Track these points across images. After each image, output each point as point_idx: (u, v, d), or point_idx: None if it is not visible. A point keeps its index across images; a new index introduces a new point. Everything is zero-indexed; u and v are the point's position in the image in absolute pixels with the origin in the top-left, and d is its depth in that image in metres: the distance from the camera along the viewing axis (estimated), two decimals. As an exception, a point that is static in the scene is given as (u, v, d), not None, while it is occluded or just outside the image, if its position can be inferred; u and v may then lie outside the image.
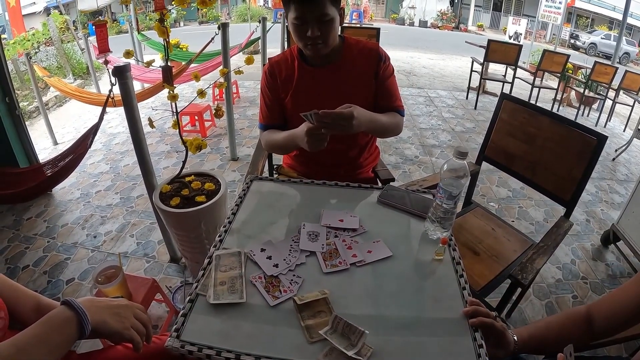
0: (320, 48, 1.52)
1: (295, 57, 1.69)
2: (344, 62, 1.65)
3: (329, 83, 1.65)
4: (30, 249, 2.71)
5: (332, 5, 1.45)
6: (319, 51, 1.54)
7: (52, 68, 7.80)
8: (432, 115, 5.74)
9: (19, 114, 3.17)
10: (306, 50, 1.57)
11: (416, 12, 22.83)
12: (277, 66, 1.71)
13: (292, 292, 1.02)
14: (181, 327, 0.93)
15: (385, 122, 1.61)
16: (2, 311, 0.99)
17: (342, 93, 1.63)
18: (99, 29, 2.48)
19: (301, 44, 1.55)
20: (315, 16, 1.44)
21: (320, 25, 1.46)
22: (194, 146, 1.90)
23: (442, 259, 1.18)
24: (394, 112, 1.70)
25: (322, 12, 1.43)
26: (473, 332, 0.95)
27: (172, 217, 1.99)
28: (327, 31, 1.48)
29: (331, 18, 1.46)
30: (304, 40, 1.50)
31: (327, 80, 1.66)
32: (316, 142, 1.38)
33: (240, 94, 6.23)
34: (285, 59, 1.71)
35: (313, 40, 1.49)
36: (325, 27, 1.47)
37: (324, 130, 1.35)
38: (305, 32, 1.47)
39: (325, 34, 1.48)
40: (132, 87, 2.00)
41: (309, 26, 1.46)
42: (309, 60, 1.67)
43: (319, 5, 1.42)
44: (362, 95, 1.67)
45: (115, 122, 5.06)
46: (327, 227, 1.28)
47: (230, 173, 3.78)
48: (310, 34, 1.46)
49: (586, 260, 2.81)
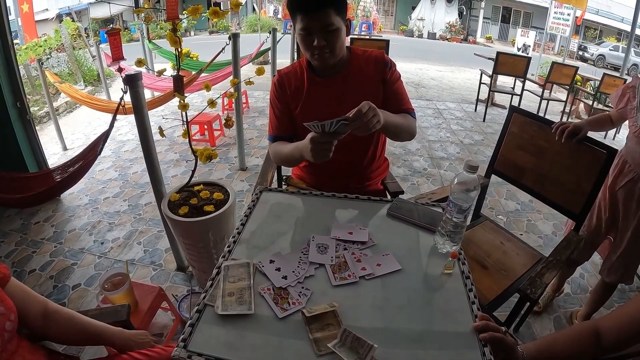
0: (327, 57, 1.54)
1: (304, 69, 1.70)
2: (351, 71, 1.66)
3: (338, 93, 1.66)
4: (37, 253, 2.72)
5: (337, 15, 1.46)
6: (326, 61, 1.55)
7: (63, 74, 7.87)
8: (440, 127, 5.72)
9: (29, 118, 3.20)
10: (313, 60, 1.58)
11: (425, 24, 22.90)
12: (287, 78, 1.72)
13: (301, 305, 1.02)
14: (188, 337, 0.93)
15: (398, 120, 1.59)
16: (13, 314, 0.99)
17: (352, 102, 1.62)
18: (112, 37, 2.50)
19: (308, 54, 1.57)
20: (320, 26, 1.46)
21: (325, 35, 1.47)
22: (205, 156, 1.91)
23: (452, 273, 1.17)
24: (404, 113, 1.69)
25: (327, 22, 1.45)
26: (482, 346, 0.94)
27: (180, 226, 2.00)
28: (333, 41, 1.50)
29: (336, 28, 1.48)
30: (311, 50, 1.52)
31: (336, 90, 1.66)
32: (321, 152, 1.35)
33: (249, 104, 6.26)
34: (294, 71, 1.72)
35: (320, 50, 1.50)
36: (330, 36, 1.48)
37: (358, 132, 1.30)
38: (311, 42, 1.49)
39: (331, 44, 1.50)
40: (143, 95, 2.02)
41: (315, 36, 1.47)
42: (318, 71, 1.68)
43: (324, 15, 1.44)
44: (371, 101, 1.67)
45: (124, 130, 5.09)
46: (336, 239, 1.27)
47: (239, 183, 3.78)
48: (316, 44, 1.48)
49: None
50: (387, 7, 25.61)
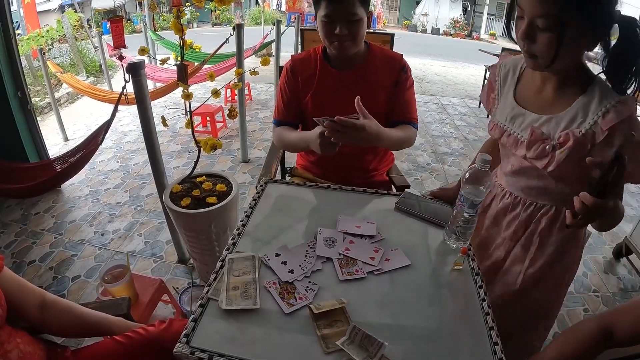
0: (347, 47, 1.52)
1: (319, 57, 1.68)
2: (366, 67, 1.65)
3: (350, 86, 1.63)
4: (37, 244, 2.70)
5: (361, 6, 1.46)
6: (346, 50, 1.53)
7: (65, 65, 7.85)
8: (444, 122, 5.69)
9: (30, 108, 3.17)
10: (332, 48, 1.56)
11: (429, 20, 22.76)
12: (300, 64, 1.70)
13: (308, 300, 0.99)
14: (191, 332, 0.90)
15: (397, 138, 1.59)
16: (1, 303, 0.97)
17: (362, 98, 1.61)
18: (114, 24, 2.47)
19: (327, 42, 1.55)
20: (344, 15, 1.45)
21: (348, 24, 1.47)
22: (209, 146, 1.88)
23: (462, 269, 1.14)
24: (407, 124, 1.68)
25: (351, 11, 1.44)
26: (493, 345, 0.91)
27: (182, 217, 1.97)
28: (354, 31, 1.49)
29: (360, 18, 1.47)
30: (331, 37, 1.51)
31: (348, 84, 1.64)
32: (328, 147, 1.36)
33: (252, 97, 6.23)
34: (308, 58, 1.70)
35: (340, 38, 1.49)
36: (353, 26, 1.48)
37: (334, 139, 1.30)
38: (333, 30, 1.48)
39: (353, 34, 1.49)
40: (146, 85, 1.99)
41: (337, 24, 1.46)
42: (333, 62, 1.66)
43: (349, 5, 1.43)
44: (380, 101, 1.66)
45: (126, 121, 5.07)
46: (344, 233, 1.24)
47: (241, 175, 3.76)
48: (338, 32, 1.47)
49: (598, 274, 2.76)
50: (392, 2, 25.47)
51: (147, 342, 1.16)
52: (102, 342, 1.20)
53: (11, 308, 1.01)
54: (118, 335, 1.19)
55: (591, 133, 1.03)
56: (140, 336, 1.18)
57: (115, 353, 1.15)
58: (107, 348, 1.17)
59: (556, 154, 1.07)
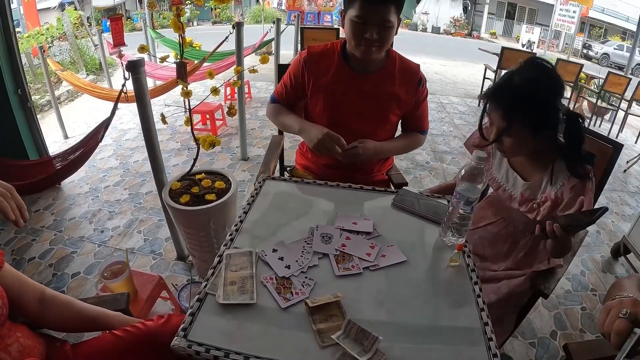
0: (374, 52, 1.50)
1: (337, 54, 1.65)
2: (384, 74, 1.63)
3: (364, 91, 1.63)
4: (37, 242, 2.70)
5: (395, 13, 1.43)
6: (372, 54, 1.51)
7: (65, 63, 7.83)
8: (443, 121, 5.71)
9: (30, 106, 3.18)
10: (357, 50, 1.52)
11: (429, 18, 22.75)
12: (317, 58, 1.67)
13: (304, 295, 1.00)
14: (189, 326, 0.91)
15: (400, 147, 1.68)
16: (1, 300, 0.97)
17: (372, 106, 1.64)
18: (114, 22, 2.48)
19: (354, 43, 1.51)
20: (378, 20, 1.42)
21: (380, 29, 1.44)
22: (208, 143, 1.88)
23: (457, 265, 1.15)
24: (415, 132, 1.72)
25: (386, 17, 1.42)
26: (487, 340, 0.92)
27: (181, 214, 1.98)
28: (385, 37, 1.47)
29: (392, 25, 1.45)
30: (359, 40, 1.48)
31: (363, 88, 1.63)
32: (324, 149, 1.44)
33: (252, 95, 6.22)
34: (326, 53, 1.67)
35: (369, 42, 1.46)
36: (384, 32, 1.45)
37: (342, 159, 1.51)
38: (363, 33, 1.45)
39: (382, 40, 1.47)
40: (146, 83, 1.99)
41: (368, 28, 1.43)
42: (352, 62, 1.63)
43: (385, 10, 1.41)
44: (392, 112, 1.67)
45: (126, 118, 5.07)
46: (340, 229, 1.25)
47: (241, 173, 3.76)
48: (368, 36, 1.44)
49: (596, 272, 2.77)
50: (392, 1, 25.47)
51: (146, 336, 1.17)
52: (101, 336, 1.21)
53: (12, 303, 1.02)
54: (117, 330, 1.20)
55: (561, 192, 1.31)
56: (139, 331, 1.19)
57: (114, 347, 1.16)
58: (106, 342, 1.18)
59: (541, 210, 1.35)
